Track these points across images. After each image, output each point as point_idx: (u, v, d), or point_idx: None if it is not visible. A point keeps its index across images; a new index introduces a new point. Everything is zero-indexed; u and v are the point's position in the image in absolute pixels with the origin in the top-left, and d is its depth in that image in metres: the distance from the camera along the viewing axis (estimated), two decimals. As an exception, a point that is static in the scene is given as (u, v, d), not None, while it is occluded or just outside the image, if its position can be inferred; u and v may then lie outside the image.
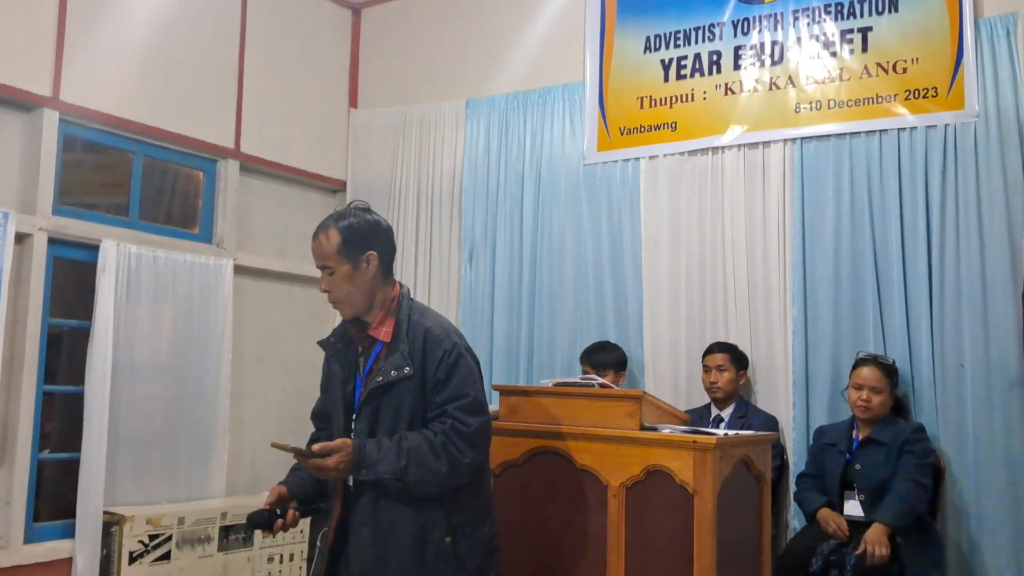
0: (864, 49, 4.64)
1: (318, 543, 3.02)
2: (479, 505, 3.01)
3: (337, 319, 3.18)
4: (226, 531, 4.85)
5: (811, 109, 4.73)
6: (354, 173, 6.23)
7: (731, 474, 3.38)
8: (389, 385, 2.88)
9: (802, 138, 4.73)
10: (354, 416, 2.95)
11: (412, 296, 3.08)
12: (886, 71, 4.57)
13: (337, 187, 6.24)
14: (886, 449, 4.10)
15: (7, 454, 4.39)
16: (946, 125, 4.40)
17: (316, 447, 2.81)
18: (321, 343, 3.12)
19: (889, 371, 4.22)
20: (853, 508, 4.13)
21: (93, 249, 4.71)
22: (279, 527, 2.94)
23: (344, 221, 2.97)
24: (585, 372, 4.87)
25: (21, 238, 4.46)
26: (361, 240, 2.96)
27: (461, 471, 2.87)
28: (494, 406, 3.56)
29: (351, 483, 2.90)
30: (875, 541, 3.84)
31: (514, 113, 5.66)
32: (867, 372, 4.21)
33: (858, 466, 4.16)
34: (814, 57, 4.76)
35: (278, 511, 2.96)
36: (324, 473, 2.84)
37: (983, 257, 4.27)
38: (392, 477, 2.80)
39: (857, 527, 4.00)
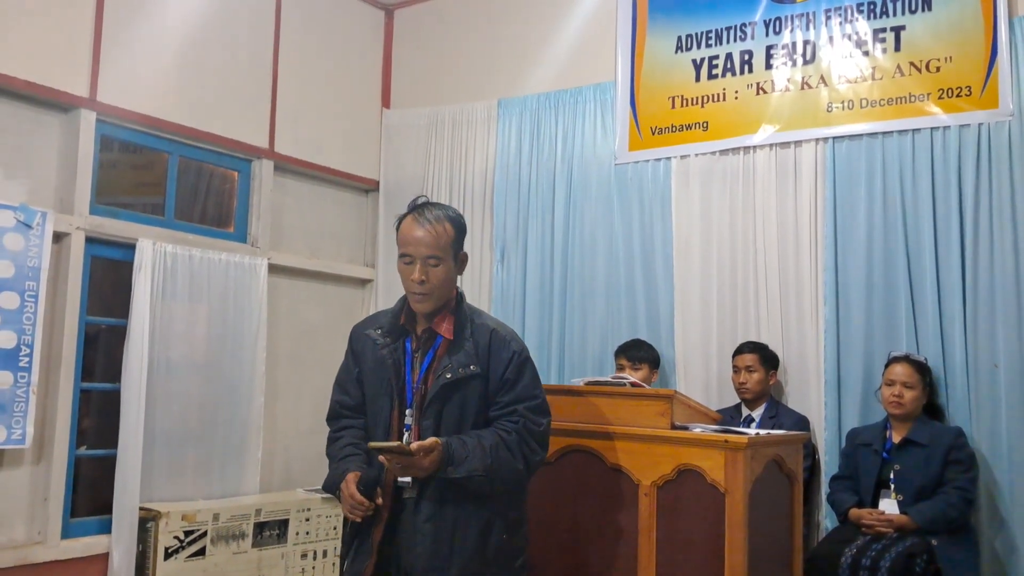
0: (897, 48, 4.61)
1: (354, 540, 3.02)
2: (524, 502, 3.06)
3: (370, 311, 3.16)
4: (260, 527, 4.89)
5: (843, 108, 4.71)
6: (387, 173, 6.27)
7: (762, 473, 3.38)
8: (457, 382, 2.89)
9: (834, 138, 4.71)
10: (408, 410, 2.93)
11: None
12: (919, 70, 4.54)
13: (370, 187, 6.28)
14: (927, 452, 4.09)
15: (45, 450, 4.45)
16: (980, 124, 4.36)
17: (414, 446, 2.74)
18: (364, 333, 3.06)
19: (921, 368, 4.22)
20: (888, 506, 4.11)
21: (129, 248, 4.78)
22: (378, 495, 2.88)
23: (452, 213, 3.01)
24: (619, 366, 4.88)
25: (59, 237, 4.52)
26: (463, 238, 3.03)
27: (533, 469, 2.94)
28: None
29: (399, 481, 2.89)
30: (895, 522, 3.97)
31: (546, 113, 5.67)
32: (899, 369, 4.22)
33: (897, 466, 4.15)
34: (846, 56, 4.73)
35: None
36: (413, 472, 2.80)
37: (1017, 256, 4.23)
38: (481, 475, 2.80)
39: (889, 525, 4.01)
